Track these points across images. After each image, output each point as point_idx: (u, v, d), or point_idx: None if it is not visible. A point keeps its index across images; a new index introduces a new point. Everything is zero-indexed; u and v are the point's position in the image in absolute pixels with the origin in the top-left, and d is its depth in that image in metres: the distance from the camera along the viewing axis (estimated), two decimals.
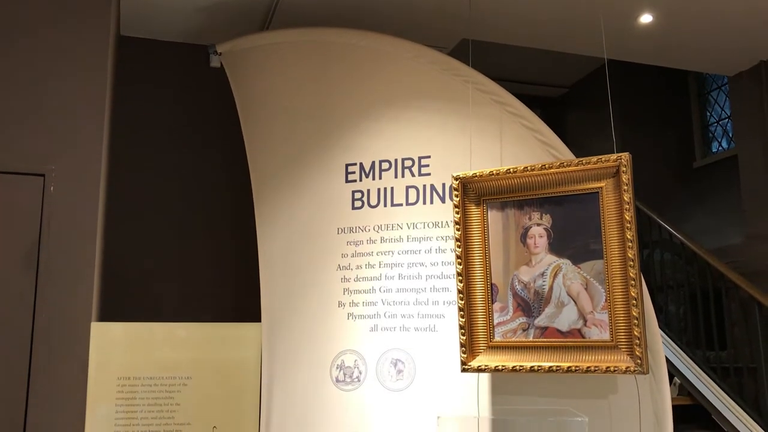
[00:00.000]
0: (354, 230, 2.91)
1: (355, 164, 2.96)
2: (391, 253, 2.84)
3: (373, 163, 2.93)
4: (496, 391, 2.56)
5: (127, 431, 2.74)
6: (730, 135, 6.36)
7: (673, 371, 4.96)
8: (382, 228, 2.87)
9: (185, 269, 3.74)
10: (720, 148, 6.58)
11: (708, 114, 6.81)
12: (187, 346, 2.86)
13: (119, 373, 2.77)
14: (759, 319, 4.55)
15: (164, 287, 3.66)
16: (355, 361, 2.79)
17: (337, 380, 2.79)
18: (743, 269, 4.96)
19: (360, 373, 2.77)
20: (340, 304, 2.87)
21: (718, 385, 4.76)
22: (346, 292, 2.87)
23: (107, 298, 3.42)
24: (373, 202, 2.91)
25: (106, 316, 3.32)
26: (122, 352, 2.79)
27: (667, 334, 5.27)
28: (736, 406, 4.58)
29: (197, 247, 3.78)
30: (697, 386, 4.89)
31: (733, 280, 4.75)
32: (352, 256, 2.89)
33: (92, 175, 2.79)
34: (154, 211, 3.77)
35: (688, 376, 4.99)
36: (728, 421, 4.58)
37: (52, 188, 2.73)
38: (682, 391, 4.97)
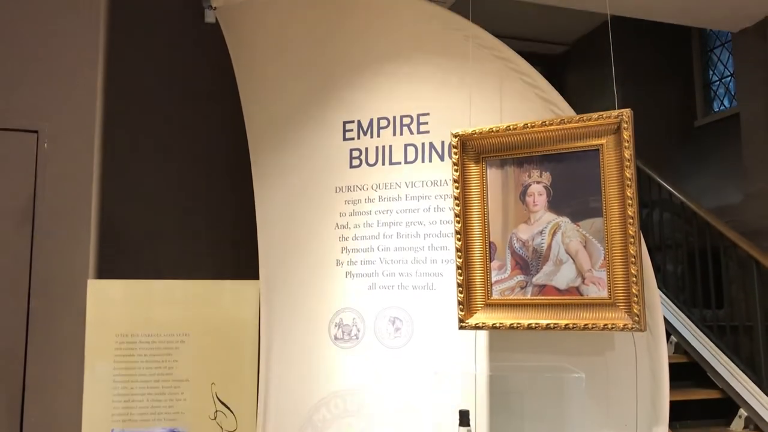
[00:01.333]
0: (352, 189, 2.89)
1: (353, 122, 2.92)
2: (389, 212, 2.82)
3: (371, 120, 2.89)
4: (493, 348, 2.57)
5: (125, 387, 2.77)
6: (732, 93, 6.30)
7: (669, 330, 5.01)
8: (380, 187, 2.85)
9: (183, 227, 3.73)
10: (722, 107, 6.52)
11: (710, 72, 6.74)
12: (185, 304, 2.87)
13: (117, 330, 2.78)
14: (756, 278, 4.57)
15: (162, 245, 3.66)
16: (354, 319, 2.80)
17: (336, 338, 2.80)
18: (742, 228, 4.96)
19: (358, 330, 2.78)
20: (338, 262, 2.86)
21: (714, 344, 4.81)
22: (344, 251, 2.86)
23: (104, 256, 3.42)
24: (372, 160, 2.88)
25: (103, 274, 3.32)
26: (120, 310, 2.81)
27: (664, 294, 5.30)
28: (732, 364, 4.63)
29: (195, 204, 3.77)
30: (693, 344, 4.94)
31: (731, 239, 4.77)
32: (350, 215, 2.88)
33: (86, 131, 2.76)
34: (150, 168, 3.74)
35: (684, 335, 5.04)
36: (723, 378, 4.64)
37: (45, 145, 2.71)
38: (678, 350, 5.02)
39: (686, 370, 4.87)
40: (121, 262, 3.46)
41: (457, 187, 2.48)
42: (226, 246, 3.73)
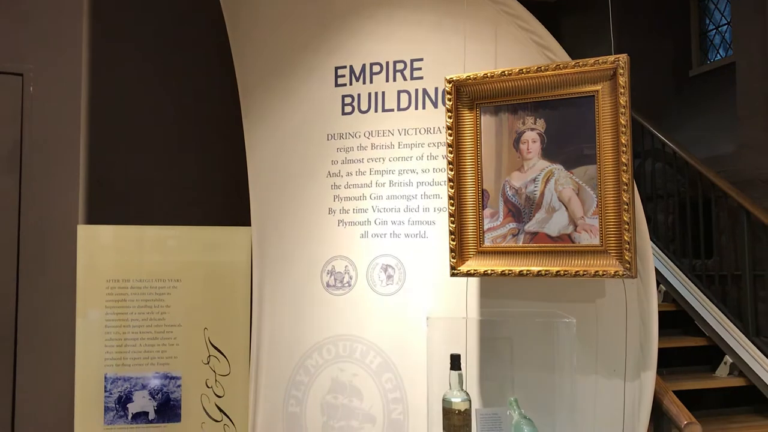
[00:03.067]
0: (344, 136, 2.86)
1: (345, 67, 2.87)
2: (381, 160, 2.80)
3: (364, 66, 2.85)
4: (484, 295, 2.59)
5: (118, 332, 2.78)
6: (729, 42, 6.24)
7: (659, 279, 5.06)
8: (373, 134, 2.82)
9: (173, 173, 3.69)
10: (717, 56, 6.46)
11: (707, 21, 6.65)
12: (177, 249, 2.87)
13: (108, 276, 2.78)
14: (746, 228, 4.60)
15: (152, 191, 3.63)
16: (346, 266, 2.80)
17: (328, 285, 2.81)
18: (734, 178, 4.97)
19: (350, 278, 2.79)
20: (331, 211, 2.85)
21: (703, 292, 4.86)
22: (336, 199, 2.85)
23: (94, 202, 3.39)
24: (364, 107, 2.85)
25: (93, 220, 3.30)
26: (111, 255, 2.80)
27: (654, 243, 5.34)
28: (719, 312, 4.70)
29: (185, 151, 3.73)
30: (682, 293, 4.99)
31: (723, 188, 4.78)
32: (342, 162, 2.85)
33: (73, 75, 2.71)
34: (140, 113, 3.68)
35: (673, 284, 5.09)
36: (710, 326, 4.70)
37: (31, 88, 2.65)
38: (666, 298, 5.08)
39: (674, 318, 4.95)
40: (111, 209, 3.43)
41: (450, 134, 2.46)
42: (217, 193, 3.71)
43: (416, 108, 2.77)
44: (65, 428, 2.81)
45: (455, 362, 2.23)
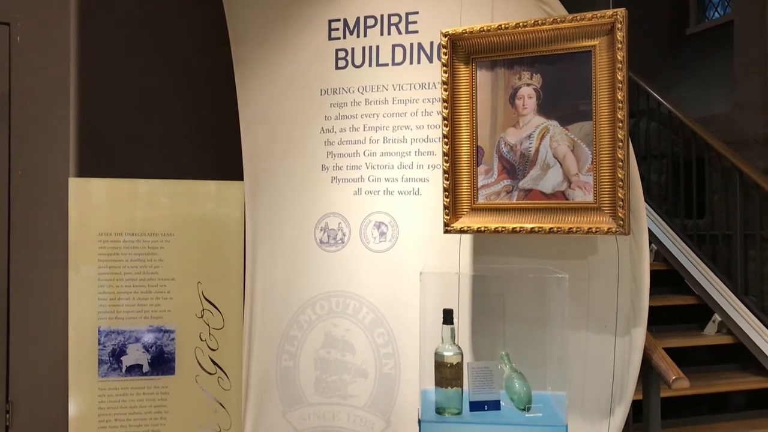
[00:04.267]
0: (338, 91, 2.83)
1: (339, 20, 2.82)
2: (375, 115, 2.78)
3: (358, 19, 2.80)
4: (477, 252, 2.60)
5: (111, 286, 2.78)
6: (727, 1, 6.17)
7: (651, 239, 5.08)
8: (367, 89, 2.79)
9: (166, 126, 3.65)
10: (715, 14, 6.39)
11: None
12: (170, 203, 2.86)
13: (100, 230, 2.77)
14: (739, 187, 4.62)
15: (143, 145, 3.59)
16: (339, 223, 2.80)
17: (321, 242, 2.81)
18: (728, 138, 4.97)
19: (344, 235, 2.79)
20: (324, 167, 2.84)
21: (694, 252, 4.90)
22: (329, 156, 2.83)
23: (85, 156, 3.36)
24: (358, 61, 2.81)
25: (84, 173, 3.27)
26: (103, 209, 2.79)
27: (647, 203, 5.36)
28: (709, 271, 4.74)
29: (178, 104, 3.68)
30: (673, 252, 5.03)
31: (717, 149, 4.78)
32: (336, 118, 2.83)
33: (61, 24, 2.65)
34: (131, 64, 3.62)
35: (665, 243, 5.13)
36: (700, 284, 4.76)
37: (18, 38, 2.60)
38: (657, 257, 5.12)
39: (665, 277, 4.99)
40: (102, 163, 3.40)
41: (446, 89, 2.43)
42: (210, 147, 3.67)
43: (411, 62, 2.74)
44: (60, 381, 2.83)
45: (447, 317, 2.24)
